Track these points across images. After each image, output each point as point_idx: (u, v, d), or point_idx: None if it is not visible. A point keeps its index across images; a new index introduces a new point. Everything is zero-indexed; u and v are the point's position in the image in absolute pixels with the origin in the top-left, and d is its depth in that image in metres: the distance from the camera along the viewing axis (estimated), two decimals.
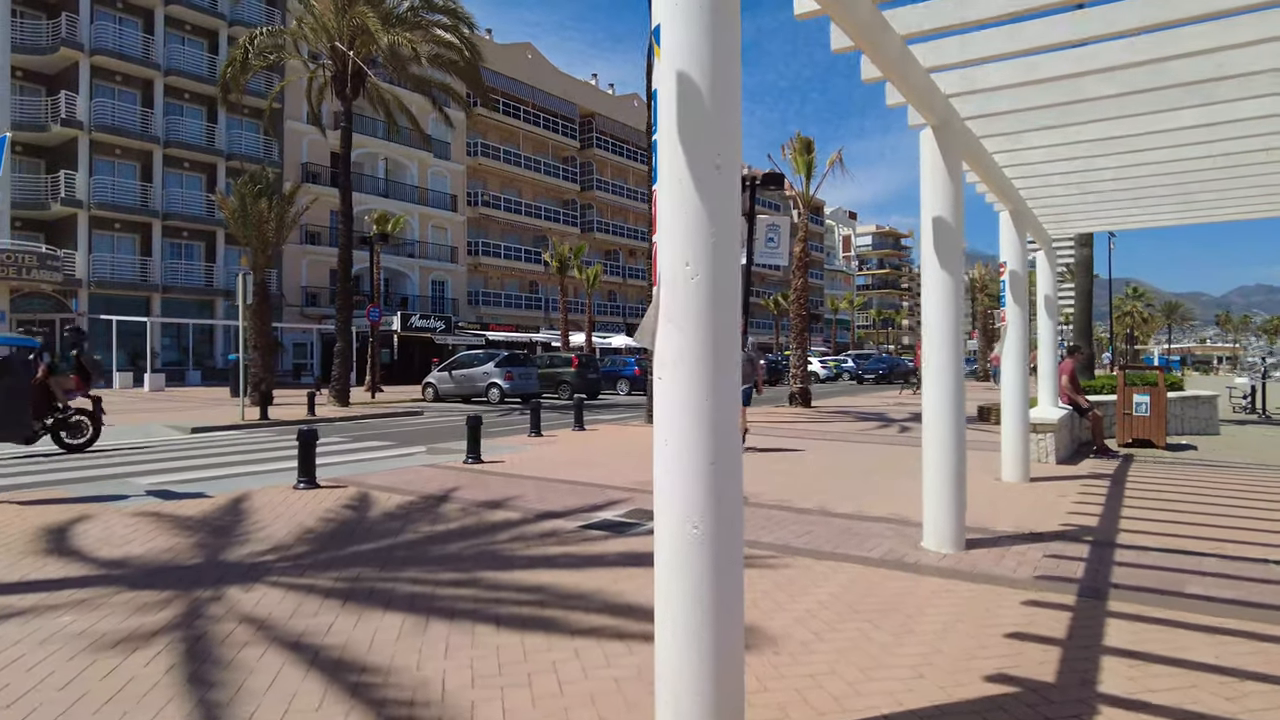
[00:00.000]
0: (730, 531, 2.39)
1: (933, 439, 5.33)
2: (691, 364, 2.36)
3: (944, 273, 5.28)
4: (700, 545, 2.35)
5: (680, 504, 2.37)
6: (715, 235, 2.36)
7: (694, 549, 2.35)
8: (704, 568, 2.34)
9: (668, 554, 2.42)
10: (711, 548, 2.35)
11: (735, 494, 2.43)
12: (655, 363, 2.45)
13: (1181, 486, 8.07)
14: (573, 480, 8.22)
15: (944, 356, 5.29)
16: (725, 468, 2.37)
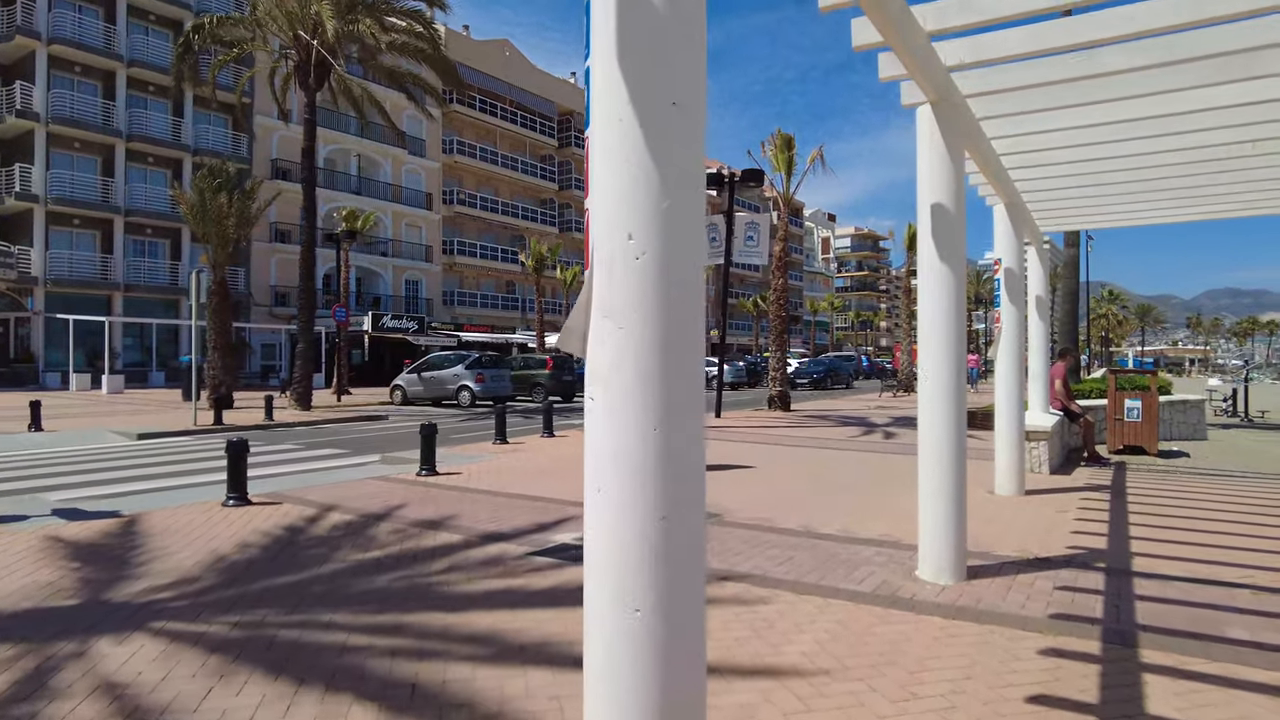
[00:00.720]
0: (687, 615, 1.73)
1: (930, 456, 4.71)
2: (635, 377, 1.70)
3: (944, 266, 4.66)
4: (645, 637, 1.69)
5: (616, 577, 1.72)
6: (671, 198, 1.70)
7: (635, 642, 1.69)
8: (649, 669, 1.68)
9: (599, 651, 1.76)
10: (661, 638, 1.69)
11: (694, 561, 1.78)
12: (587, 376, 1.80)
13: (1185, 499, 7.53)
14: (530, 495, 7.53)
15: (944, 361, 4.67)
16: (682, 525, 1.71)
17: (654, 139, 1.67)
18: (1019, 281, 8.01)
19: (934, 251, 4.67)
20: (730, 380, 37.71)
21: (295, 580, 4.68)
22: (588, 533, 1.81)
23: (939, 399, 4.66)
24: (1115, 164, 7.18)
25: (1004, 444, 7.72)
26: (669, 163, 1.68)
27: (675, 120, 1.69)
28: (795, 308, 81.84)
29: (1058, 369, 10.98)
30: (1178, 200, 8.84)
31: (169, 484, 8.60)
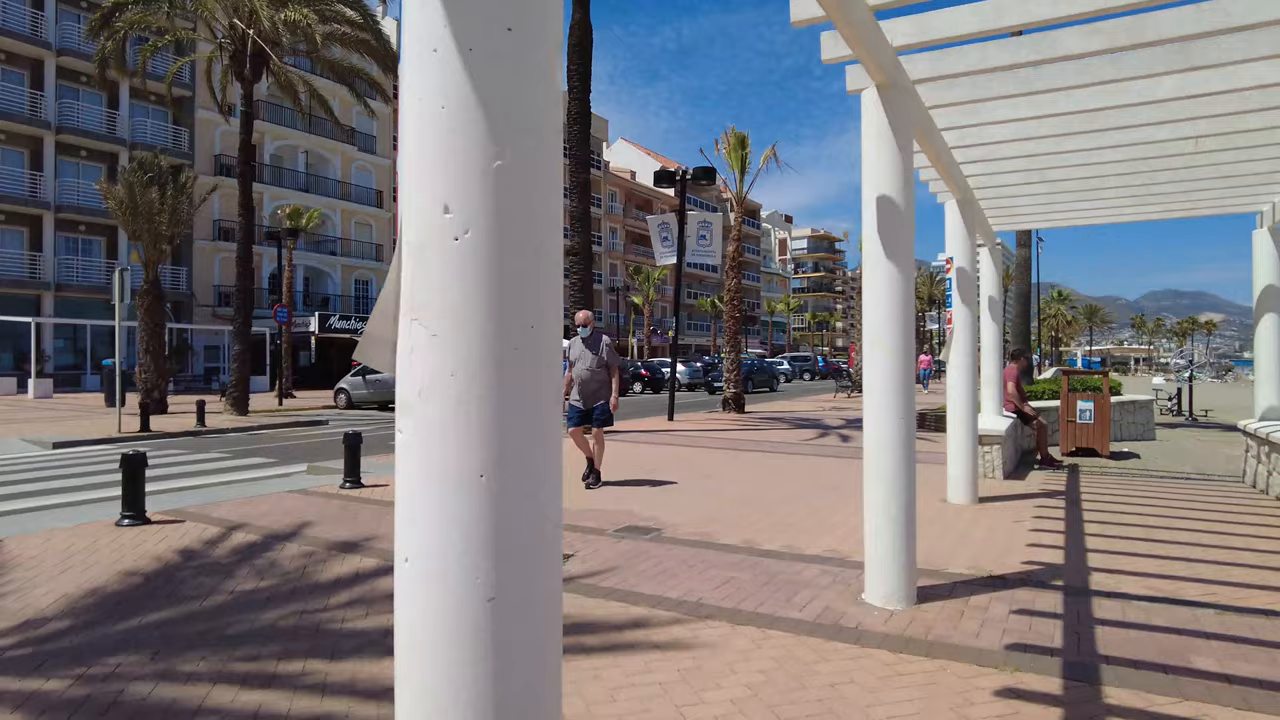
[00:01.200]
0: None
1: (876, 471, 4.33)
2: (454, 404, 1.24)
3: (891, 264, 4.29)
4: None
5: (430, 699, 1.25)
6: (505, 154, 1.24)
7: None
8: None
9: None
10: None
11: (550, 667, 1.32)
12: (397, 399, 1.34)
13: (1140, 506, 7.31)
14: None
15: (892, 368, 4.30)
16: (522, 616, 1.26)
17: (480, 73, 1.21)
18: (971, 281, 7.73)
19: (880, 248, 4.30)
20: (686, 381, 37.41)
21: (170, 617, 4.12)
22: (396, 618, 1.35)
23: (886, 409, 4.29)
24: (1066, 159, 6.94)
25: (957, 450, 7.42)
26: (501, 105, 1.22)
27: (510, 49, 1.23)
28: (753, 308, 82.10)
29: (1010, 371, 10.79)
30: (1125, 200, 8.67)
31: (69, 500, 7.91)
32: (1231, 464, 10.72)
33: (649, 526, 6.27)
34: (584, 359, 8.21)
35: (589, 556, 5.32)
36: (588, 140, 13.37)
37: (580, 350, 8.28)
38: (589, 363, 8.17)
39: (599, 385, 8.20)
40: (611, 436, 13.22)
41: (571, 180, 13.37)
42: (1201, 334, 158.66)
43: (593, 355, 8.18)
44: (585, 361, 8.19)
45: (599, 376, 8.19)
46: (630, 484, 8.47)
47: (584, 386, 8.19)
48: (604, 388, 8.21)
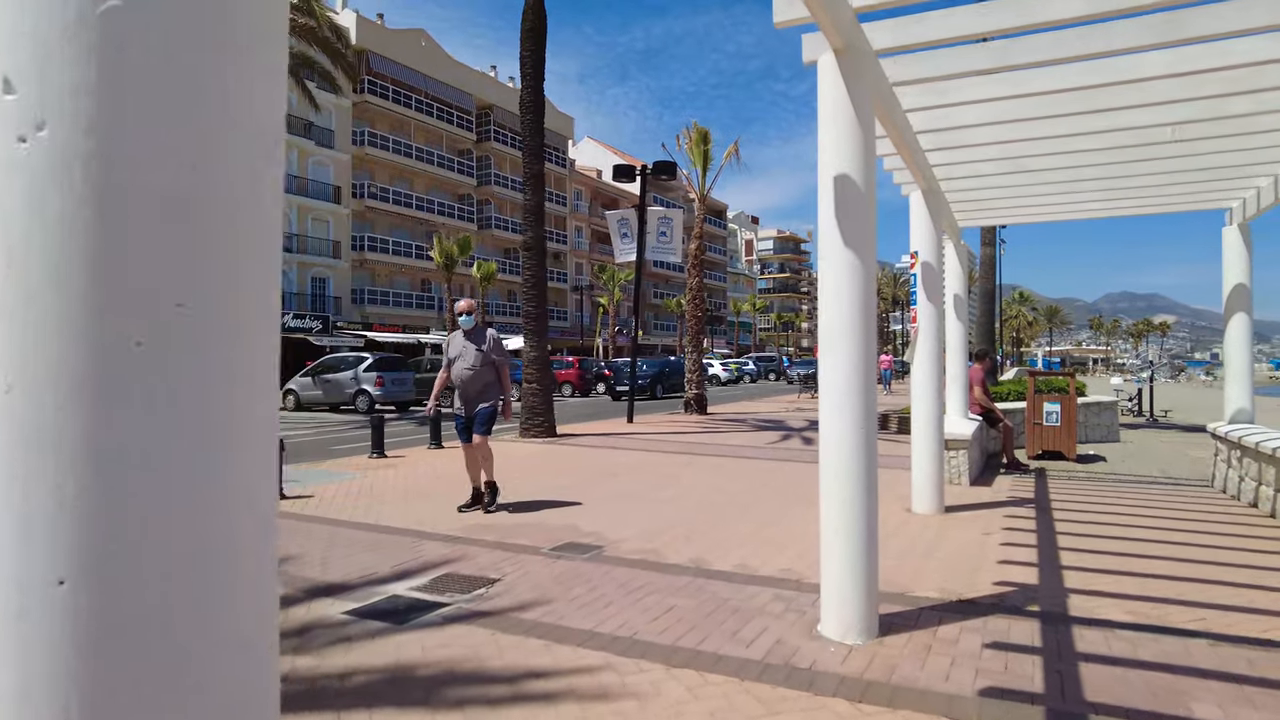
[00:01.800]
0: None
1: (833, 486, 3.82)
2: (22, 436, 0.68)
3: (849, 252, 3.79)
4: None
5: None
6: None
7: None
8: None
9: None
10: None
11: None
12: None
13: (1112, 514, 6.94)
14: (386, 526, 6.41)
15: (850, 366, 3.80)
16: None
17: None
18: (937, 277, 7.31)
19: (838, 233, 3.80)
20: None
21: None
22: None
23: (844, 414, 3.79)
24: (1039, 146, 6.54)
25: (922, 456, 6.99)
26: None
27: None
28: (719, 308, 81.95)
29: (976, 372, 10.43)
30: (1097, 194, 8.34)
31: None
32: (1198, 466, 10.48)
33: (590, 544, 5.72)
34: (465, 356, 6.91)
35: (516, 582, 4.76)
36: (541, 129, 12.78)
37: (461, 346, 6.97)
38: (471, 360, 6.87)
39: (484, 387, 6.95)
40: (564, 440, 12.64)
41: (525, 172, 12.77)
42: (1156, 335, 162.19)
43: (476, 351, 6.89)
44: (466, 359, 6.89)
45: (483, 376, 6.93)
46: (575, 493, 7.92)
47: (465, 389, 6.94)
48: (490, 390, 6.98)
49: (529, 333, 12.93)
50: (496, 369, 7.02)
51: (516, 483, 8.50)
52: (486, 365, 6.93)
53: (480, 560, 5.26)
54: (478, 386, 6.93)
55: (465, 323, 6.99)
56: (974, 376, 10.26)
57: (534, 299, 12.88)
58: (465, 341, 6.97)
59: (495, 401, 6.99)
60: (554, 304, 60.01)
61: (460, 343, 7.00)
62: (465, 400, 6.98)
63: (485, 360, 6.91)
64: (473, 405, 6.95)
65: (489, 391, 6.98)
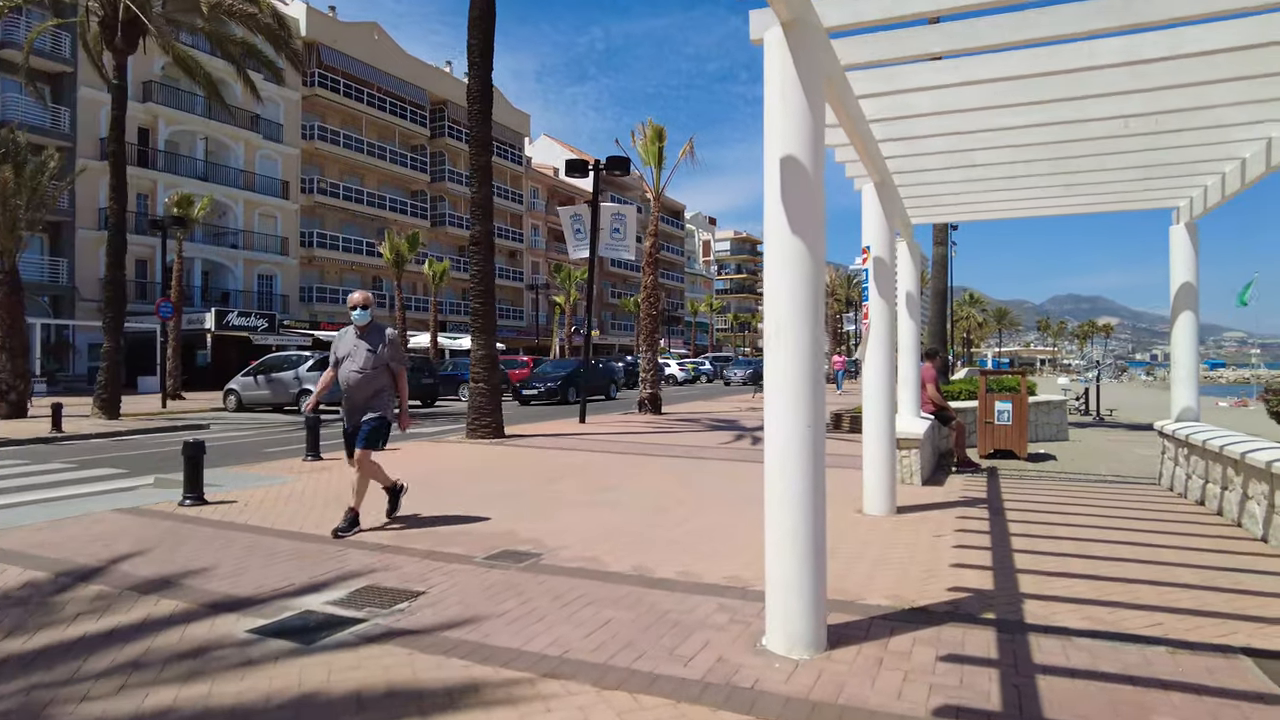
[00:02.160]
0: None
1: (779, 489, 3.57)
2: None
3: (797, 240, 3.54)
4: None
5: None
6: None
7: None
8: None
9: None
10: None
11: None
12: None
13: (1064, 514, 6.84)
14: (311, 534, 6.00)
15: (798, 363, 3.55)
16: None
17: None
18: (890, 273, 7.14)
19: (785, 220, 3.55)
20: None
21: None
22: None
23: (791, 414, 3.53)
24: (991, 139, 6.40)
25: (874, 456, 6.81)
26: None
27: None
28: (676, 309, 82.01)
29: (928, 370, 10.34)
30: (1049, 191, 8.26)
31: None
32: (1145, 464, 10.54)
33: (528, 551, 5.39)
34: (355, 356, 5.95)
35: (444, 594, 4.42)
36: (489, 120, 12.37)
37: (352, 344, 6.01)
38: (361, 361, 5.92)
39: (375, 393, 5.98)
40: (512, 442, 12.27)
41: (473, 164, 12.34)
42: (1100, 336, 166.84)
43: (368, 352, 5.94)
44: (356, 360, 5.94)
45: (374, 382, 5.96)
46: (517, 497, 7.58)
47: (352, 394, 5.98)
48: (380, 397, 6.00)
49: (476, 330, 12.52)
50: (392, 374, 6.10)
51: (456, 486, 8.13)
52: (379, 369, 5.99)
53: (407, 570, 4.90)
54: (366, 393, 5.98)
55: (359, 318, 6.06)
56: (926, 375, 10.17)
57: (481, 295, 12.47)
58: (357, 340, 6.02)
59: (386, 411, 6.03)
60: (510, 303, 59.33)
61: (351, 341, 6.04)
62: (351, 408, 6.04)
63: (378, 363, 5.98)
64: (359, 414, 6.00)
65: (379, 399, 6.01)
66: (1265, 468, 5.72)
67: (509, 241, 59.06)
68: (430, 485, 8.19)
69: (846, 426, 14.68)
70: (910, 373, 9.42)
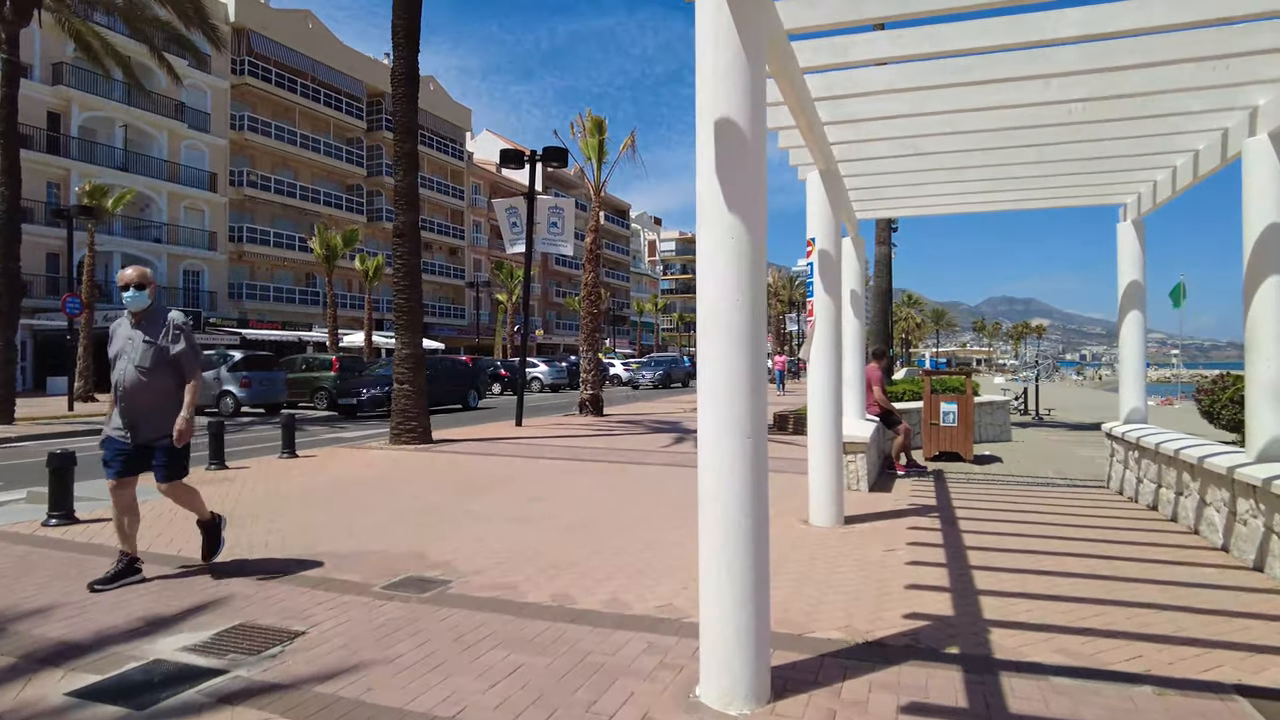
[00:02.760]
0: None
1: (715, 513, 3.02)
2: None
3: (734, 217, 3.00)
4: None
5: None
6: None
7: None
8: None
9: None
10: None
11: None
12: None
13: (1018, 521, 6.49)
14: (188, 559, 5.26)
15: (734, 360, 3.00)
16: None
17: None
18: (835, 267, 6.69)
19: (719, 195, 3.00)
20: (550, 382, 35.88)
21: None
22: None
23: (727, 421, 2.99)
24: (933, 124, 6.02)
25: (820, 463, 6.34)
26: None
27: None
28: (622, 308, 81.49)
29: (874, 370, 9.99)
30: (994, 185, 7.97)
31: None
32: (1090, 466, 10.39)
33: (436, 577, 4.76)
34: (130, 351, 4.51)
35: (328, 634, 3.76)
36: (415, 103, 11.62)
37: (127, 336, 4.56)
38: (139, 356, 4.48)
39: (159, 403, 4.54)
40: (439, 448, 11.53)
41: (396, 150, 11.57)
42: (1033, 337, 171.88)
43: (146, 344, 4.50)
44: (133, 355, 4.50)
45: (158, 385, 4.52)
46: (432, 512, 6.92)
47: (131, 401, 4.50)
48: (165, 408, 4.54)
49: (400, 328, 11.75)
50: (182, 372, 4.59)
51: (368, 499, 7.41)
52: (162, 367, 4.52)
53: (291, 604, 4.23)
54: (149, 400, 4.52)
55: (132, 301, 4.52)
56: (872, 376, 9.82)
57: (406, 290, 11.69)
58: (132, 330, 4.56)
59: (161, 445, 4.59)
60: (451, 301, 57.97)
61: (126, 332, 4.57)
62: (131, 419, 4.53)
63: (161, 359, 4.51)
64: (146, 428, 4.54)
65: (167, 412, 4.55)
66: (1226, 473, 5.42)
67: (450, 238, 57.74)
68: (340, 498, 7.46)
69: (791, 428, 14.31)
70: (855, 373, 9.02)
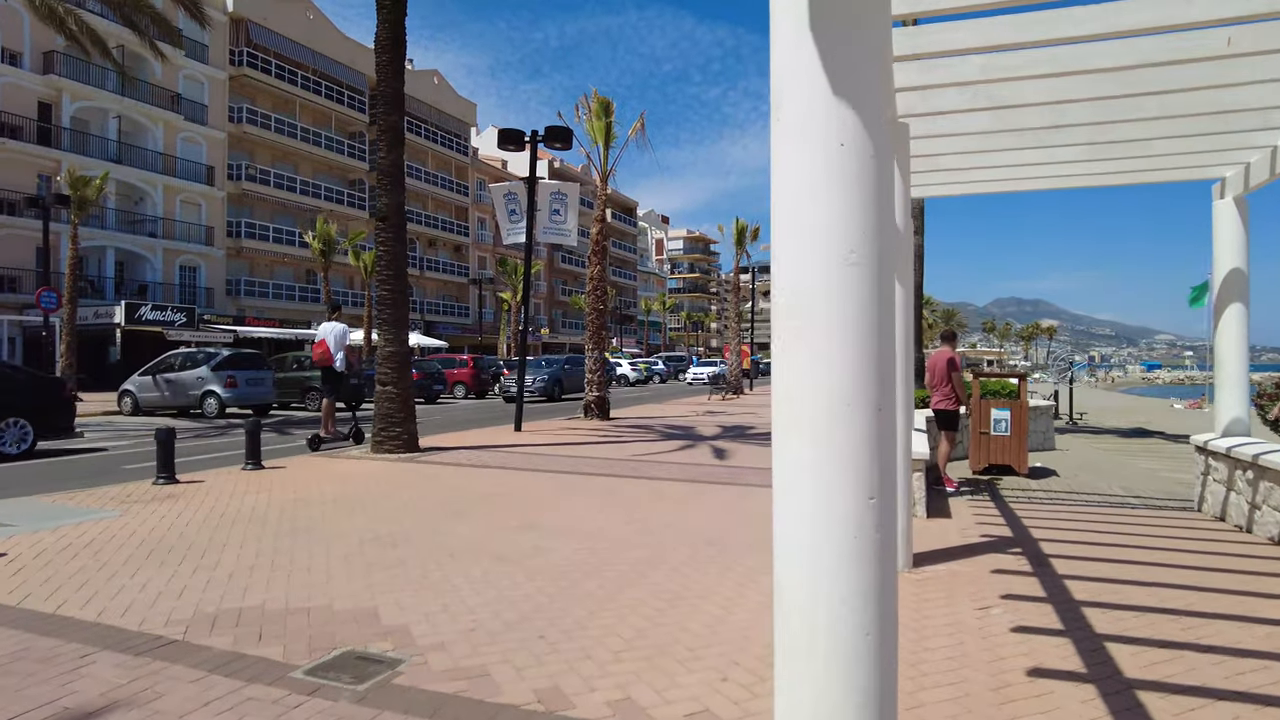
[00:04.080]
0: None
1: (803, 631, 1.75)
2: None
3: (848, 112, 1.72)
4: None
5: None
6: None
7: None
8: None
9: None
10: None
11: None
12: None
13: (1120, 559, 5.21)
14: (68, 617, 4.00)
15: (841, 363, 1.74)
16: None
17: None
18: (906, 244, 5.42)
19: (819, 73, 1.73)
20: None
21: None
22: None
23: (830, 480, 1.71)
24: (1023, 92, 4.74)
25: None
26: None
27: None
28: (629, 307, 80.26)
29: (946, 356, 8.63)
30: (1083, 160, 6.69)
31: None
32: (1156, 481, 9.15)
33: (383, 654, 3.50)
34: None
35: None
36: (400, 73, 10.39)
37: None
38: None
39: None
40: (425, 457, 10.26)
41: (380, 123, 10.33)
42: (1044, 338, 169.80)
43: None
44: None
45: None
46: (402, 545, 5.66)
47: None
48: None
49: (383, 323, 10.48)
50: None
51: (325, 525, 6.14)
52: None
53: (170, 701, 2.98)
54: None
55: None
56: (948, 362, 8.49)
57: (390, 281, 10.43)
58: None
59: None
60: (455, 299, 56.77)
61: None
62: None
63: None
64: None
65: None
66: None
67: (454, 235, 56.58)
68: (292, 525, 6.20)
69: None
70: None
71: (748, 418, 18.18)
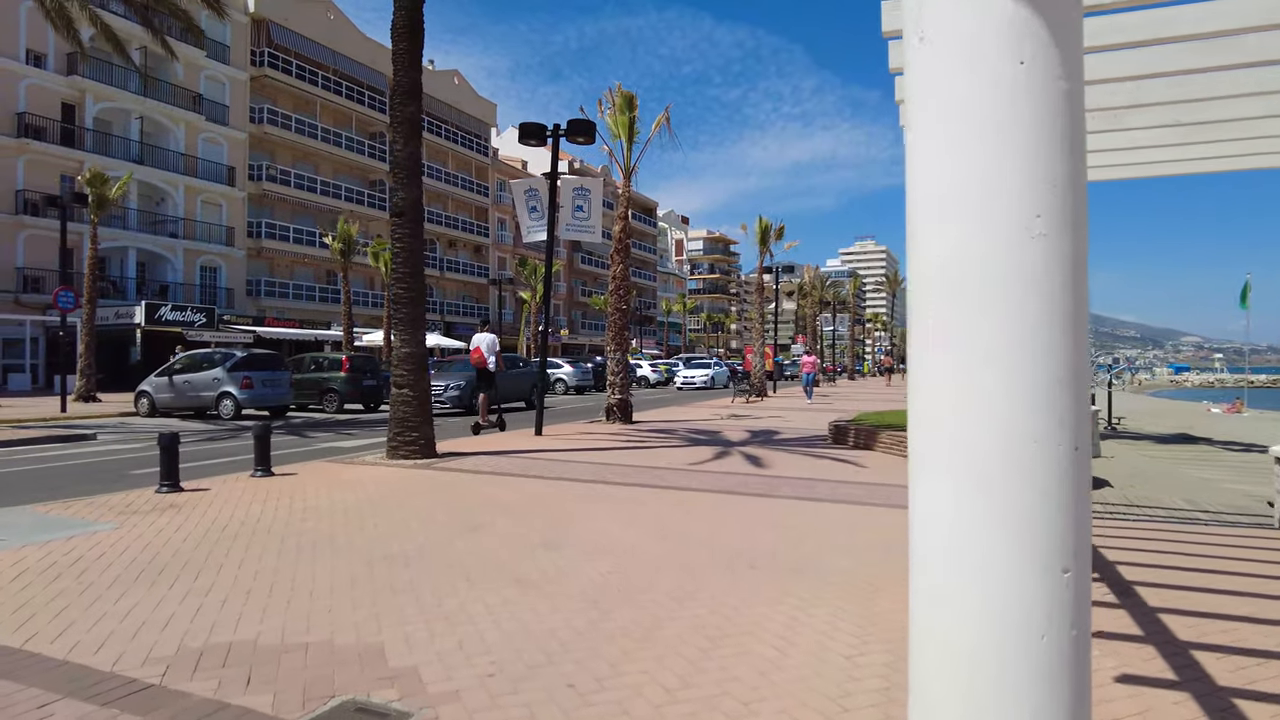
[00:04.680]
0: None
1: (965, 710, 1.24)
2: None
3: (1036, 23, 1.22)
4: None
5: None
6: None
7: None
8: None
9: None
10: None
11: None
12: None
13: (1214, 588, 4.63)
14: (36, 654, 3.56)
15: (1020, 369, 1.23)
16: None
17: None
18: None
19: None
20: (576, 384, 34.17)
21: None
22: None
23: (1006, 545, 1.20)
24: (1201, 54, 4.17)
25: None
26: None
27: None
28: (649, 308, 79.76)
29: None
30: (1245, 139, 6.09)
31: None
32: (1217, 492, 8.54)
33: (388, 708, 3.01)
34: None
35: None
36: (418, 62, 10.00)
37: None
38: None
39: None
40: (443, 464, 9.80)
41: (396, 114, 9.92)
42: None
43: None
44: None
45: None
46: (415, 564, 5.18)
47: None
48: None
49: (399, 322, 10.05)
50: None
51: (332, 541, 5.68)
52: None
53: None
54: None
55: None
56: None
57: (406, 279, 10.00)
58: None
59: None
60: (475, 300, 56.55)
61: None
62: None
63: None
64: None
65: None
66: None
67: (474, 236, 56.38)
68: (296, 540, 5.75)
69: (852, 442, 12.47)
70: None
71: (774, 422, 17.61)
